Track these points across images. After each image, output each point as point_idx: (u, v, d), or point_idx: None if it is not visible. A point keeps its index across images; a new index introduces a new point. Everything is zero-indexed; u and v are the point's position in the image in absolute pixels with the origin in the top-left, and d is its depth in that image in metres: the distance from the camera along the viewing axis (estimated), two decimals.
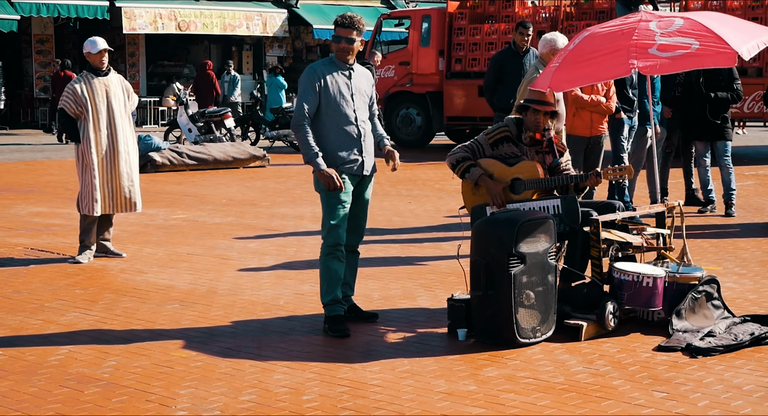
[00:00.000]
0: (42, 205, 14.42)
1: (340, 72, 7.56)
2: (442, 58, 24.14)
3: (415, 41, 24.56)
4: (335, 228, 7.54)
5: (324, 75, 7.48)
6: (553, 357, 6.80)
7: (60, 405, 5.87)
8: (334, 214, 7.52)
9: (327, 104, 7.47)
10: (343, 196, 7.51)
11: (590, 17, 22.63)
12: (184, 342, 7.22)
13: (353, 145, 7.56)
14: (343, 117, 7.52)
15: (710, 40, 7.34)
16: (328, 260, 7.57)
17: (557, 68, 7.89)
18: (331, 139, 7.49)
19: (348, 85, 7.57)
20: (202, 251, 10.80)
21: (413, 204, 14.46)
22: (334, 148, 7.49)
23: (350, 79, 7.60)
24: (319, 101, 7.45)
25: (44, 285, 9.14)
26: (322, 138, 7.47)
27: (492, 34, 23.66)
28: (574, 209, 7.71)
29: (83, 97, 10.12)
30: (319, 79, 7.45)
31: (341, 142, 7.52)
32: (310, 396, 6.03)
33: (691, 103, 12.94)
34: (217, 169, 19.56)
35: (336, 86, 7.50)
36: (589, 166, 11.71)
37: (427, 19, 24.44)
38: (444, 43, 24.09)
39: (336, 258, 7.57)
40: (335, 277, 7.58)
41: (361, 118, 7.63)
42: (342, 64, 7.58)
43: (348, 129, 7.54)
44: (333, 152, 7.48)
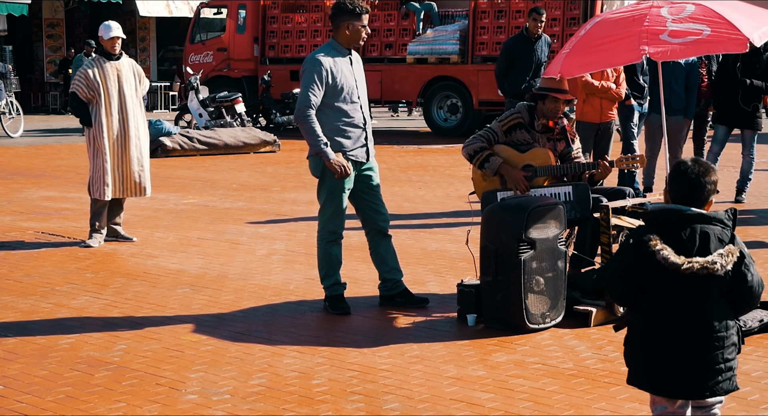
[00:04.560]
0: (52, 189, 14.45)
1: (343, 59, 7.55)
2: (257, 44, 26.00)
3: (231, 29, 26.30)
4: (337, 215, 7.57)
5: (330, 64, 7.45)
6: (563, 343, 6.81)
7: (70, 388, 5.90)
8: (338, 201, 7.53)
9: (334, 93, 7.44)
10: (348, 184, 7.53)
11: (390, 8, 24.29)
12: (195, 326, 7.24)
13: (358, 132, 7.56)
14: (349, 105, 7.51)
15: (721, 26, 7.31)
16: (329, 246, 7.61)
17: (568, 54, 7.88)
18: (337, 127, 7.48)
19: (351, 72, 7.57)
20: (213, 236, 10.83)
21: (423, 189, 14.47)
22: (340, 135, 7.49)
23: (352, 66, 7.59)
24: (325, 90, 7.43)
25: (55, 268, 9.17)
26: (327, 126, 7.44)
27: (303, 23, 25.49)
28: (586, 196, 7.71)
29: (95, 81, 10.14)
30: (325, 69, 7.41)
31: (347, 129, 7.51)
32: (319, 380, 6.05)
33: (724, 88, 12.74)
34: (228, 154, 19.57)
35: (342, 75, 7.48)
36: (598, 153, 11.72)
37: (243, 7, 26.20)
38: (259, 31, 25.94)
39: (336, 243, 7.62)
40: (336, 262, 7.65)
41: (364, 104, 7.64)
42: (344, 50, 7.57)
43: (354, 116, 7.54)
44: (339, 140, 7.48)
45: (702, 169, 4.35)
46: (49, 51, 34.47)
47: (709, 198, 4.36)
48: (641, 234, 4.31)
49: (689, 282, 4.24)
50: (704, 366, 4.27)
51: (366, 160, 7.64)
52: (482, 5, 23.26)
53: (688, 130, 13.31)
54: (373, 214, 7.75)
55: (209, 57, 26.46)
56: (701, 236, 4.26)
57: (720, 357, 4.28)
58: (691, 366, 4.28)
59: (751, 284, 4.30)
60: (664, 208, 4.38)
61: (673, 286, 4.27)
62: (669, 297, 4.29)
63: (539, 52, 13.04)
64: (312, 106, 7.38)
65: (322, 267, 7.69)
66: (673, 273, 4.21)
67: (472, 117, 23.52)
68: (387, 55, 24.24)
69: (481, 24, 23.16)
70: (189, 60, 26.76)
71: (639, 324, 4.40)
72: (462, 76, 23.28)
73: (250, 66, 25.96)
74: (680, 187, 4.36)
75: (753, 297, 4.33)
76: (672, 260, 4.19)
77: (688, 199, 4.33)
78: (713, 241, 4.25)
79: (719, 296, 4.28)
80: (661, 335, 4.31)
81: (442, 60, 23.53)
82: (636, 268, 4.32)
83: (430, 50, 23.57)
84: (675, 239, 4.25)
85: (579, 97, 11.86)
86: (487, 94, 22.78)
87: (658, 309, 4.32)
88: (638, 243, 4.29)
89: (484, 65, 22.84)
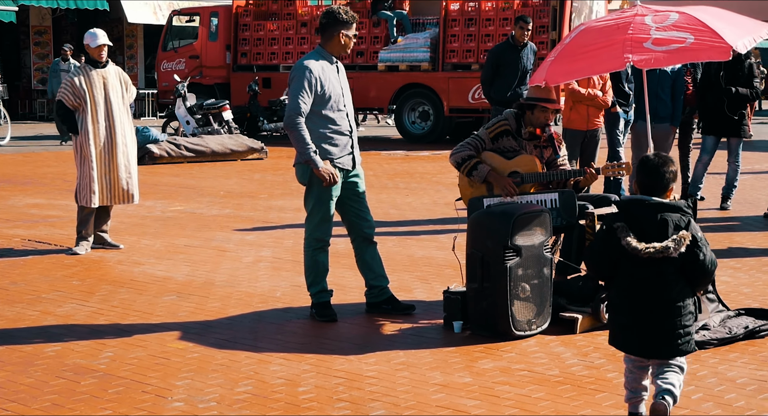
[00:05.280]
0: (39, 197, 14.43)
1: (330, 67, 7.57)
2: (229, 52, 26.29)
3: (204, 36, 26.59)
4: (325, 223, 7.59)
5: (318, 72, 7.47)
6: (548, 350, 6.83)
7: (56, 396, 5.90)
8: (325, 208, 7.56)
9: (322, 101, 7.46)
10: (335, 191, 7.55)
11: (362, 16, 24.37)
12: (181, 334, 7.24)
13: (345, 139, 7.58)
14: (336, 113, 7.53)
15: (705, 35, 7.34)
16: (316, 253, 7.63)
17: (553, 61, 7.90)
18: (324, 135, 7.49)
19: (338, 80, 7.59)
20: (200, 243, 10.83)
21: (410, 196, 14.48)
22: (327, 143, 7.50)
23: (338, 74, 7.62)
24: (313, 98, 7.44)
25: (41, 276, 9.16)
26: (314, 133, 7.45)
27: (275, 31, 25.74)
28: (572, 204, 7.73)
29: (81, 89, 10.14)
30: (314, 76, 7.43)
31: (334, 137, 7.53)
32: (305, 387, 6.05)
33: (708, 97, 12.78)
34: (215, 161, 19.56)
35: (330, 82, 7.50)
36: (585, 160, 11.76)
37: (215, 15, 26.50)
38: (231, 38, 26.23)
39: (323, 250, 7.65)
40: (323, 269, 7.67)
41: (350, 112, 7.66)
42: (331, 58, 7.59)
43: (341, 124, 7.56)
44: (326, 147, 7.49)
45: (661, 160, 5.17)
46: (37, 58, 34.40)
47: (669, 185, 5.16)
48: (612, 221, 5.14)
49: (649, 263, 5.04)
50: (664, 330, 5.10)
51: (352, 168, 7.67)
52: (453, 13, 23.49)
53: (674, 138, 13.36)
54: (359, 221, 7.77)
55: (181, 64, 26.67)
56: (660, 223, 5.04)
57: (678, 323, 5.09)
58: (653, 330, 5.11)
59: (702, 262, 5.06)
60: (631, 198, 5.22)
61: (636, 266, 5.07)
62: (634, 275, 5.10)
63: (525, 59, 13.08)
64: (302, 113, 7.39)
65: (309, 274, 7.70)
66: (636, 256, 5.00)
67: (443, 124, 23.82)
68: (358, 62, 24.42)
69: (452, 32, 23.38)
70: (161, 67, 26.91)
71: (613, 296, 5.26)
72: (433, 83, 23.51)
73: (222, 73, 26.13)
74: (643, 178, 5.17)
75: (705, 273, 5.11)
76: (633, 245, 5.01)
77: (651, 187, 5.14)
78: (671, 227, 5.04)
79: (675, 272, 5.06)
80: (629, 305, 5.15)
81: (413, 67, 23.73)
82: (609, 250, 5.14)
83: (401, 58, 23.81)
84: (639, 225, 5.06)
85: (566, 105, 11.91)
86: (457, 101, 23.08)
87: (626, 283, 5.15)
88: (609, 229, 5.13)
89: (454, 72, 23.11)
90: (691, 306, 5.14)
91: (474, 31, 23.10)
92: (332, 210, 7.62)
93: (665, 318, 5.09)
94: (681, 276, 5.08)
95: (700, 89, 12.97)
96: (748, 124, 12.99)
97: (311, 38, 24.88)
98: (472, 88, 22.74)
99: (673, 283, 5.08)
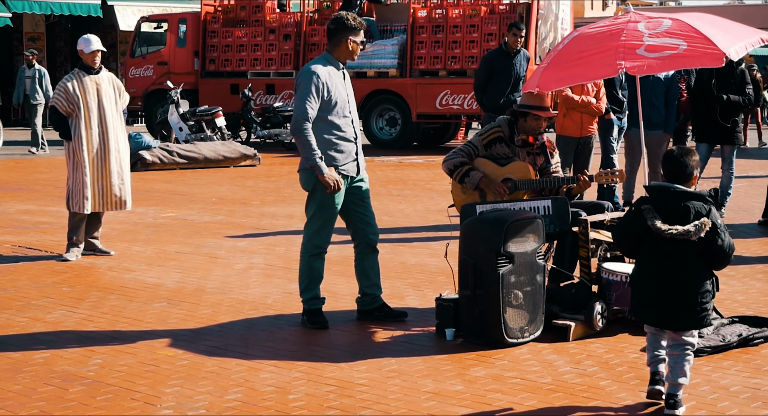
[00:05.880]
0: (30, 203, 14.38)
1: (337, 73, 7.54)
2: (197, 58, 26.16)
3: (172, 43, 26.61)
4: (325, 229, 7.56)
5: (325, 77, 7.43)
6: (541, 357, 6.79)
7: (44, 403, 5.85)
8: (327, 215, 7.52)
9: (328, 107, 7.42)
10: (338, 198, 7.51)
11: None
12: (171, 341, 7.19)
13: (350, 146, 7.55)
14: (341, 119, 7.50)
15: (698, 41, 7.33)
16: (312, 260, 7.59)
17: (546, 68, 7.89)
18: (329, 141, 7.46)
19: (344, 86, 7.56)
20: (191, 249, 10.78)
21: (403, 203, 14.45)
22: (332, 150, 7.46)
23: (344, 80, 7.59)
24: (320, 103, 7.41)
25: (31, 282, 9.11)
26: (319, 139, 7.41)
27: (243, 37, 25.66)
28: (565, 211, 7.70)
29: (75, 94, 10.10)
30: (321, 81, 7.39)
31: (339, 143, 7.50)
32: (296, 395, 6.01)
33: (701, 105, 12.75)
34: (208, 167, 19.52)
35: (336, 88, 7.47)
36: (578, 167, 11.73)
37: (183, 21, 26.54)
38: (199, 45, 26.10)
39: (320, 257, 7.61)
40: (317, 276, 7.64)
41: (355, 119, 7.63)
42: (338, 64, 7.57)
43: (346, 131, 7.53)
44: (331, 154, 7.46)
45: (683, 151, 5.78)
46: None
47: (693, 174, 5.72)
48: (639, 204, 5.70)
49: (671, 243, 5.57)
50: (681, 305, 5.63)
51: (356, 174, 7.63)
52: (420, 20, 23.62)
53: (667, 145, 13.33)
54: (363, 227, 7.72)
55: (149, 71, 26.63)
56: (683, 209, 5.59)
57: (694, 300, 5.61)
58: (671, 305, 5.64)
59: (720, 247, 5.59)
60: (657, 184, 5.78)
61: (659, 245, 5.61)
62: (657, 253, 5.64)
63: (518, 66, 13.05)
64: (309, 118, 7.35)
65: (303, 280, 7.66)
66: (659, 236, 5.55)
67: (411, 130, 23.94)
68: None
69: (419, 38, 23.49)
70: (129, 74, 26.94)
71: (637, 271, 5.82)
72: (400, 89, 23.61)
73: (190, 79, 26.02)
74: (669, 167, 5.74)
75: (723, 256, 5.63)
76: (658, 226, 5.55)
77: (676, 176, 5.71)
78: (692, 213, 5.58)
79: (695, 255, 5.59)
80: (650, 280, 5.70)
81: (380, 74, 23.81)
82: (635, 229, 5.71)
83: (369, 64, 23.88)
84: (664, 210, 5.60)
85: (559, 112, 11.88)
86: (425, 108, 23.25)
87: (650, 261, 5.70)
88: (637, 210, 5.68)
89: (422, 79, 23.25)
90: (708, 285, 5.65)
91: (441, 37, 23.25)
92: (333, 218, 7.57)
93: (683, 294, 5.61)
94: (700, 258, 5.61)
95: (692, 96, 12.94)
96: (743, 132, 12.94)
97: (279, 45, 25.08)
98: (439, 94, 22.97)
99: (692, 264, 5.60)
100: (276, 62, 25.22)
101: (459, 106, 23.20)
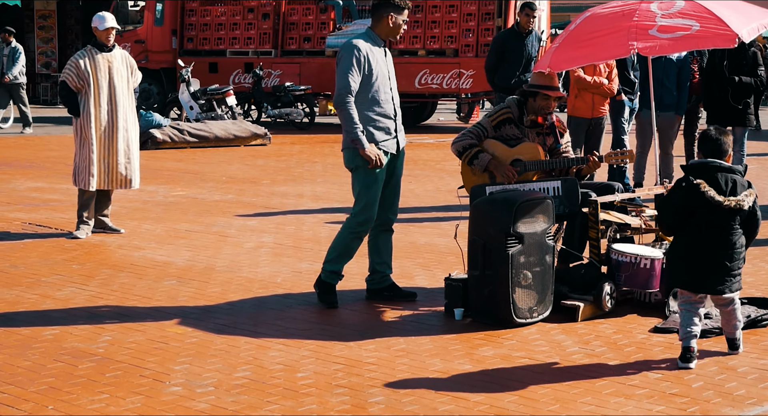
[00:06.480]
0: (41, 181, 14.40)
1: (378, 50, 7.52)
2: (175, 37, 26.15)
3: (149, 21, 26.55)
4: (371, 206, 7.52)
5: (366, 51, 7.42)
6: (550, 338, 6.79)
7: (54, 379, 5.87)
8: (371, 191, 7.49)
9: (369, 82, 7.41)
10: (380, 174, 7.49)
11: (310, 2, 24.83)
12: (180, 319, 7.21)
13: (389, 123, 7.54)
14: (381, 95, 7.49)
15: (711, 22, 7.30)
16: (352, 237, 7.59)
17: (557, 48, 7.87)
18: (369, 118, 7.45)
19: (385, 63, 7.55)
20: (201, 228, 10.79)
21: (414, 183, 14.44)
22: (372, 126, 7.45)
23: (386, 57, 7.57)
24: (361, 78, 7.39)
25: (41, 259, 9.13)
26: (360, 116, 7.39)
27: (221, 16, 25.72)
28: (575, 191, 7.69)
29: (86, 71, 10.10)
30: (362, 55, 7.38)
31: (379, 120, 7.48)
32: (304, 373, 6.02)
33: (713, 87, 12.68)
34: (218, 146, 19.51)
35: (377, 64, 7.46)
36: (589, 148, 11.71)
37: (161, 0, 26.46)
38: (177, 23, 26.12)
39: (359, 237, 7.60)
40: (349, 254, 7.65)
41: (395, 96, 7.61)
42: (380, 41, 7.55)
43: (386, 107, 7.52)
44: (371, 130, 7.44)
45: (719, 131, 6.25)
46: (41, 42, 34.28)
47: (728, 151, 6.21)
48: (690, 179, 6.09)
49: (723, 213, 6.05)
50: (725, 271, 6.12)
51: (396, 152, 7.61)
52: None
53: (679, 126, 13.30)
54: (387, 205, 7.70)
55: (127, 49, 26.40)
56: (732, 181, 6.09)
57: (735, 266, 6.15)
58: (717, 270, 6.11)
59: (758, 217, 6.20)
60: (701, 161, 6.19)
61: (712, 215, 6.07)
62: (709, 223, 6.09)
63: (530, 46, 13.02)
64: (352, 92, 7.34)
65: (333, 251, 7.63)
66: (714, 207, 6.03)
67: None
68: (306, 48, 24.71)
69: None
70: None
71: (683, 241, 6.22)
72: None
73: (168, 58, 26.03)
74: (708, 146, 6.20)
75: (757, 226, 6.22)
76: (717, 199, 6.02)
77: (714, 154, 6.17)
78: (739, 186, 6.10)
79: (738, 223, 6.13)
80: (699, 248, 6.13)
81: None
82: (688, 201, 6.10)
83: None
84: (715, 183, 6.06)
85: (571, 92, 11.86)
86: (403, 87, 23.09)
87: (700, 231, 6.12)
88: (690, 186, 6.07)
89: (401, 58, 23.19)
90: (744, 252, 6.21)
91: (421, 17, 23.23)
92: (378, 194, 7.53)
93: (728, 259, 6.10)
94: (740, 226, 6.14)
95: (704, 78, 12.88)
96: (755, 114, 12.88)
97: (258, 24, 25.13)
98: (418, 73, 23.01)
99: (737, 232, 6.13)
100: (255, 41, 25.23)
101: (438, 85, 23.28)
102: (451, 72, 23.12)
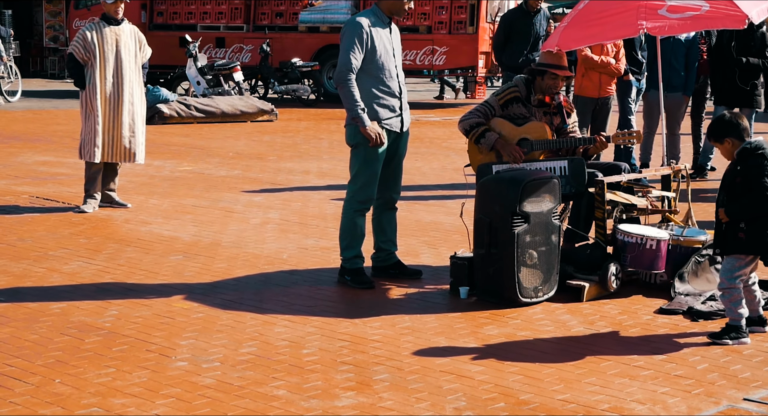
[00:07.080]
0: (48, 154, 14.42)
1: (383, 27, 7.50)
2: (144, 11, 26.01)
3: None
4: (370, 185, 7.50)
5: (370, 30, 7.40)
6: (554, 317, 6.81)
7: (60, 352, 5.90)
8: (371, 169, 7.46)
9: (372, 60, 7.39)
10: (381, 153, 7.47)
11: None
12: (186, 294, 7.23)
13: (393, 101, 7.51)
14: (385, 73, 7.46)
15: (720, 3, 7.28)
16: (356, 216, 7.55)
17: (566, 27, 7.85)
18: (373, 95, 7.43)
19: (390, 40, 7.52)
20: (208, 203, 10.81)
21: (420, 161, 14.44)
22: (375, 103, 7.43)
23: (391, 34, 7.55)
24: (364, 55, 7.38)
25: (48, 233, 9.16)
26: (363, 93, 7.37)
27: None
28: (581, 171, 7.69)
29: (92, 43, 10.11)
30: (365, 32, 7.35)
31: (383, 98, 7.46)
32: (310, 349, 6.04)
33: (720, 68, 12.64)
34: (225, 122, 19.52)
35: (381, 42, 7.43)
36: (596, 128, 11.69)
37: None
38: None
39: (362, 214, 7.57)
40: (360, 234, 7.59)
41: (400, 74, 7.59)
42: (385, 18, 7.52)
43: (390, 85, 7.49)
44: (374, 108, 7.43)
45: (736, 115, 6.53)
46: (49, 16, 34.31)
47: None
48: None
49: None
50: None
51: (400, 130, 7.61)
52: None
53: (686, 107, 13.27)
54: (390, 184, 7.69)
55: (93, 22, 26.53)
56: None
57: None
58: None
59: None
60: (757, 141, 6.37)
61: None
62: None
63: (538, 25, 12.98)
64: (353, 69, 7.31)
65: (345, 237, 7.60)
66: None
67: None
68: (278, 23, 24.78)
69: None
70: (73, 25, 26.64)
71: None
72: None
73: None
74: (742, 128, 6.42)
75: None
76: None
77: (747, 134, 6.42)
78: None
79: None
80: None
81: (333, 29, 23.76)
82: None
83: (322, 19, 24.13)
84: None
85: (578, 72, 11.83)
86: None
87: None
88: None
89: None
90: None
91: None
92: (377, 172, 7.51)
93: None
94: None
95: (711, 59, 12.84)
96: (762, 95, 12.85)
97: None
98: None
99: None
100: (226, 16, 25.12)
101: (411, 61, 23.41)
102: (424, 48, 23.16)
